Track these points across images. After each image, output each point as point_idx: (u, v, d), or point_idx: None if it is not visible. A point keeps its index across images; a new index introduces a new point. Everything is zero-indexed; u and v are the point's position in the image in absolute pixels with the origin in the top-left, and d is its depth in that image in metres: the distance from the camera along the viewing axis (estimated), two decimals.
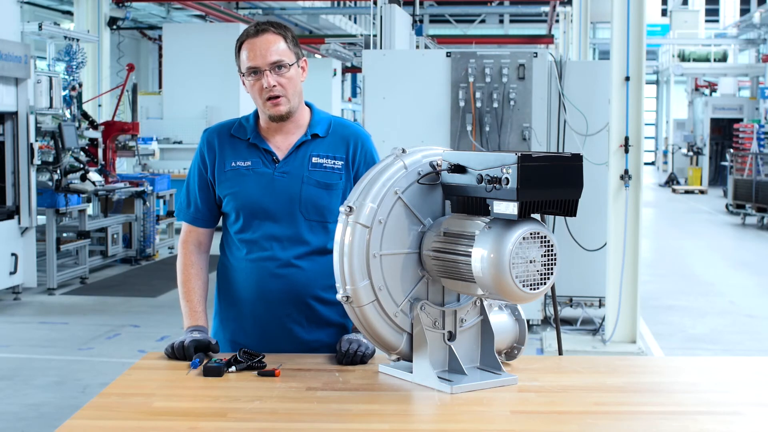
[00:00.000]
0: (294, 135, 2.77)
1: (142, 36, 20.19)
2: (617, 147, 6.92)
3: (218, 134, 2.82)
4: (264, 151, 2.76)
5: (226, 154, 2.77)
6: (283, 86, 2.68)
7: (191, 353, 2.57)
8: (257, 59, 2.66)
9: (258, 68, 2.67)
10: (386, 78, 7.46)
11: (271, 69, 2.66)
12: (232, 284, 2.81)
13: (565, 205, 2.24)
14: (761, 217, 16.01)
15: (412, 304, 2.40)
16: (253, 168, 2.74)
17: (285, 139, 2.77)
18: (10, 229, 8.82)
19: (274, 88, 2.66)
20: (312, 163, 2.74)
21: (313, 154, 2.75)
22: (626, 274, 6.92)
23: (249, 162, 2.75)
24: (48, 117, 9.54)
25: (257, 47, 2.67)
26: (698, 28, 26.51)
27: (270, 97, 2.68)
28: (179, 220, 2.90)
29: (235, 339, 2.80)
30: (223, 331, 2.85)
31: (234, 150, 2.77)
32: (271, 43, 2.68)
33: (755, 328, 8.32)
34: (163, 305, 8.88)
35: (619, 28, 6.91)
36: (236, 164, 2.75)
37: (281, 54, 2.68)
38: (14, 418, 5.46)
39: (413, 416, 2.26)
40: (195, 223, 2.83)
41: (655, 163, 34.84)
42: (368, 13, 14.57)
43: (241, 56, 2.71)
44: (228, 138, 2.79)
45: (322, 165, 2.75)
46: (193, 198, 2.83)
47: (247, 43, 2.69)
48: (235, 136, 2.79)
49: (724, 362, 3.03)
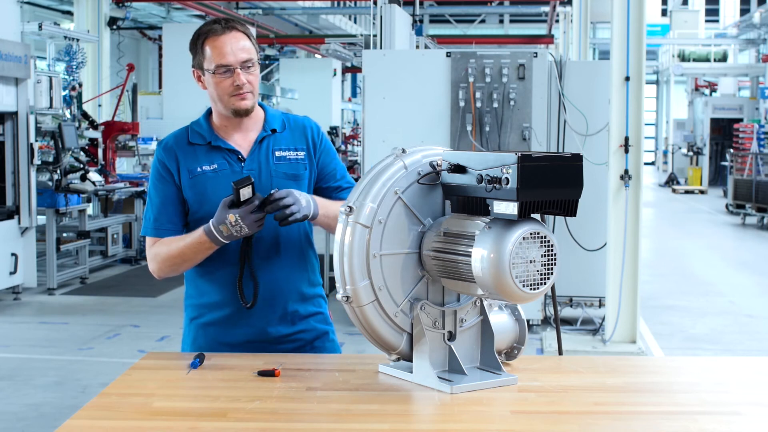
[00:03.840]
0: (252, 132, 2.79)
1: (142, 36, 20.19)
2: (617, 147, 6.92)
3: (175, 143, 2.78)
4: (228, 151, 2.75)
5: (189, 161, 2.74)
6: (251, 83, 2.71)
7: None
8: (228, 57, 2.66)
9: (230, 66, 2.67)
10: (386, 78, 7.46)
11: (241, 67, 2.68)
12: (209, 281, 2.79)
13: (565, 205, 2.24)
14: (761, 217, 16.02)
15: (412, 304, 2.40)
16: (220, 170, 2.73)
17: (244, 137, 2.78)
18: (10, 229, 8.82)
19: (245, 86, 2.68)
20: (276, 156, 2.77)
21: (275, 148, 2.78)
22: (626, 274, 6.92)
23: (215, 164, 2.73)
24: (48, 117, 9.55)
25: (228, 45, 2.67)
26: (698, 28, 26.52)
27: (237, 93, 2.69)
28: (143, 234, 2.80)
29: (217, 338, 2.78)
30: (202, 332, 2.82)
31: (196, 156, 2.75)
32: (240, 40, 2.70)
33: (755, 328, 8.32)
34: (163, 305, 8.89)
35: (619, 28, 6.91)
36: (202, 169, 2.73)
37: (249, 52, 2.70)
38: (14, 418, 5.47)
39: (413, 416, 2.26)
40: (164, 234, 2.74)
41: (655, 163, 34.85)
42: (368, 13, 14.57)
43: (206, 53, 2.69)
44: (187, 146, 2.77)
45: (286, 158, 2.77)
46: (158, 211, 2.75)
47: (213, 40, 2.68)
48: (193, 143, 2.77)
49: (724, 362, 3.03)
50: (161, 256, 2.73)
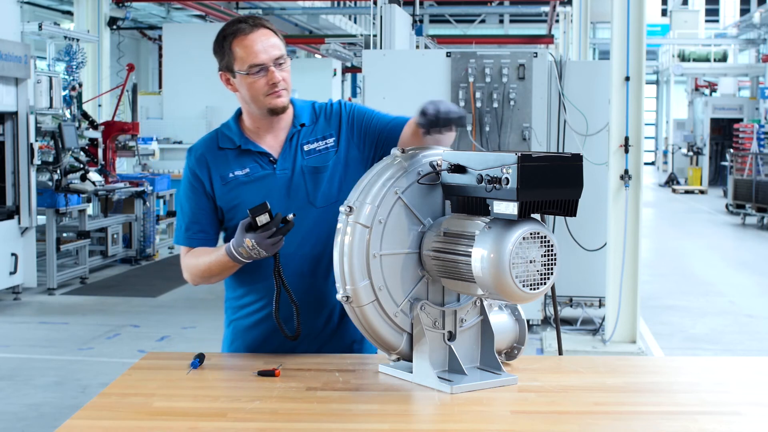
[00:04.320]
0: (283, 130, 2.71)
1: (142, 36, 20.19)
2: (617, 147, 6.92)
3: (206, 149, 2.72)
4: (258, 154, 2.68)
5: (220, 167, 2.68)
6: (285, 80, 2.64)
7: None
8: (261, 55, 2.58)
9: (263, 65, 2.59)
10: (386, 78, 7.46)
11: (274, 64, 2.61)
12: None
13: (565, 205, 2.24)
14: (761, 217, 16.01)
15: (412, 304, 2.40)
16: (252, 174, 2.67)
17: (276, 137, 2.71)
18: (10, 229, 8.82)
19: (280, 83, 2.61)
20: (305, 151, 2.69)
21: (303, 142, 2.70)
22: (626, 274, 6.92)
23: (247, 169, 2.67)
24: (48, 117, 9.55)
25: (258, 43, 2.59)
26: (698, 28, 26.50)
27: (273, 92, 2.61)
28: (176, 244, 2.77)
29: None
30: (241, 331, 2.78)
31: (227, 161, 2.69)
32: (269, 37, 2.62)
33: (755, 328, 8.31)
34: (163, 305, 8.89)
35: (619, 28, 6.91)
36: (234, 174, 2.68)
37: (279, 48, 2.63)
38: (14, 418, 5.47)
39: (413, 416, 2.26)
40: (195, 244, 2.70)
41: (655, 163, 34.84)
42: (368, 13, 14.56)
43: (236, 54, 2.60)
44: (217, 151, 2.70)
45: (315, 149, 2.70)
46: (190, 220, 2.71)
47: (242, 40, 2.60)
48: (223, 147, 2.70)
49: (724, 362, 3.03)
50: (191, 269, 2.70)
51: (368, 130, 2.72)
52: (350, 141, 2.72)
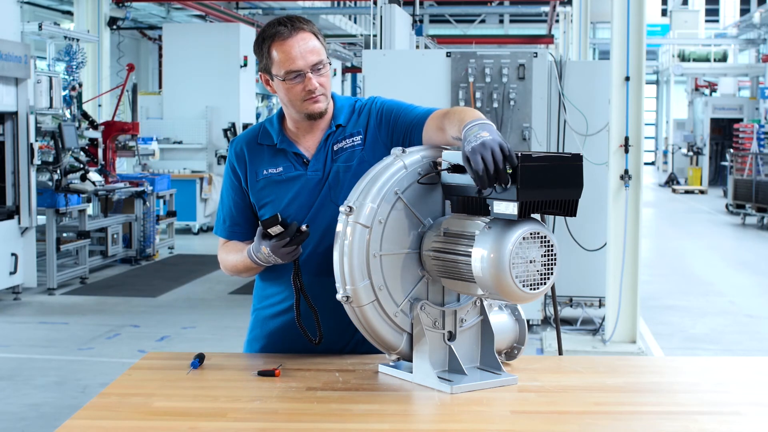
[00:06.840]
0: (321, 131, 2.70)
1: (142, 36, 20.18)
2: (617, 147, 6.92)
3: (246, 143, 2.74)
4: (293, 155, 2.68)
5: (256, 162, 2.70)
6: (323, 86, 2.61)
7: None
8: (298, 62, 2.55)
9: (300, 71, 2.56)
10: (386, 78, 7.45)
11: (312, 70, 2.57)
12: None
13: (566, 205, 2.24)
14: (761, 217, 16.01)
15: (412, 304, 2.40)
16: (285, 173, 2.67)
17: (313, 137, 2.70)
18: (10, 229, 8.82)
19: (317, 89, 2.59)
20: (334, 151, 2.67)
21: (334, 142, 2.68)
22: (626, 274, 6.92)
23: (280, 168, 2.68)
24: (48, 117, 9.55)
25: (296, 48, 2.55)
26: (698, 28, 26.52)
27: (310, 97, 2.60)
28: (215, 234, 2.86)
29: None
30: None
31: (262, 157, 2.70)
32: (308, 41, 2.58)
33: (755, 328, 8.32)
34: (163, 305, 8.89)
35: (619, 28, 6.91)
36: (268, 172, 2.69)
37: (318, 53, 2.59)
38: (14, 418, 5.47)
39: (413, 416, 2.26)
40: (232, 237, 2.77)
41: (655, 163, 34.84)
42: (368, 13, 14.57)
43: (273, 57, 2.58)
44: (256, 146, 2.72)
45: (342, 149, 2.67)
46: (227, 212, 2.77)
47: (280, 44, 2.56)
48: (261, 143, 2.72)
49: (724, 362, 3.02)
50: (223, 263, 2.78)
51: (396, 127, 2.68)
52: (377, 139, 2.69)
